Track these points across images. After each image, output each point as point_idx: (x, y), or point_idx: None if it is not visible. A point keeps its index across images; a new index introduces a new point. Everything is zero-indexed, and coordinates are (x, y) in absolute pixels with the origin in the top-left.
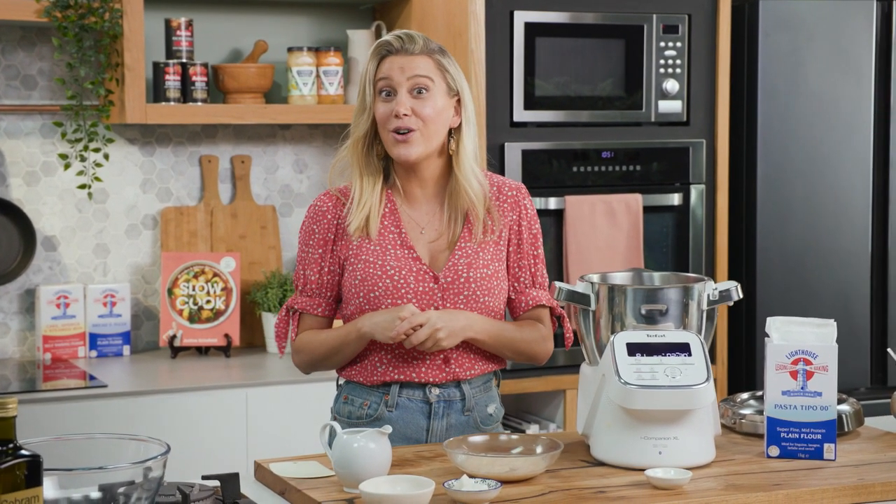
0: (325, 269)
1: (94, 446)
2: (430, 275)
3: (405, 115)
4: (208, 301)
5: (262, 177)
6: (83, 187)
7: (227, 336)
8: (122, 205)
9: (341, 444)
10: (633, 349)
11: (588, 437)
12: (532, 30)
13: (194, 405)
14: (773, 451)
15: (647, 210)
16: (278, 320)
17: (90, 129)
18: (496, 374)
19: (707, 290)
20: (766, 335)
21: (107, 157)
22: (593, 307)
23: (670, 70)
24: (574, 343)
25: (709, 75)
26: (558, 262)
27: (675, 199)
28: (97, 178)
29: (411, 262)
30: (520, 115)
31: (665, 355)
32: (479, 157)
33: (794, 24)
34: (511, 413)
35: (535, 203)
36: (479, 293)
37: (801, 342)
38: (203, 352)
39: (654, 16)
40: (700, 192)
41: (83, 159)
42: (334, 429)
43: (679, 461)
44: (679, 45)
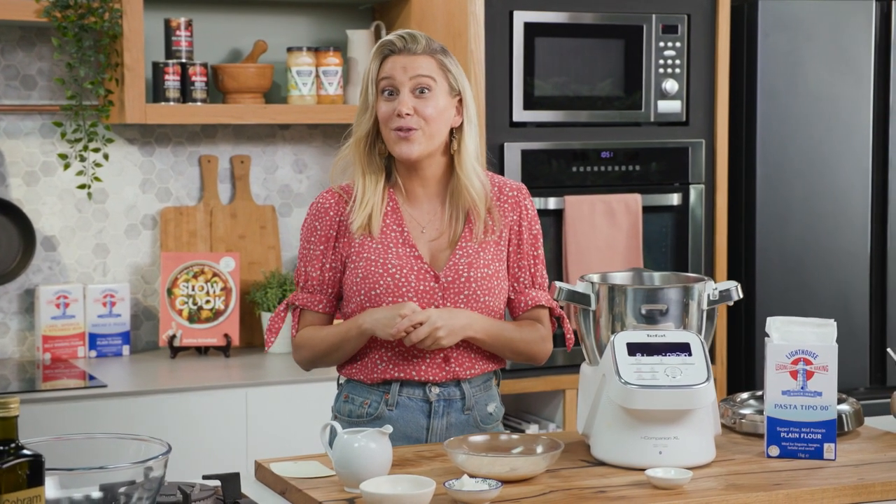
0: (327, 266)
1: (95, 446)
2: (431, 274)
3: (407, 114)
4: (208, 301)
5: (261, 177)
6: (83, 187)
7: (226, 336)
8: (121, 205)
9: (342, 443)
10: (634, 349)
11: (588, 436)
12: (531, 30)
13: (194, 405)
14: (774, 450)
15: (646, 210)
16: (274, 314)
17: (90, 129)
18: (496, 374)
19: (707, 289)
20: (766, 335)
21: (106, 157)
22: (593, 307)
23: (670, 70)
24: (574, 343)
25: (708, 75)
26: (558, 262)
27: (675, 199)
28: (97, 178)
29: (413, 261)
30: (519, 115)
31: (665, 355)
32: (480, 156)
33: (793, 25)
34: (510, 413)
35: (535, 203)
36: (479, 293)
37: (802, 342)
38: (202, 352)
39: (653, 16)
40: (699, 192)
41: (83, 159)
42: (335, 429)
43: (679, 461)
44: (678, 45)
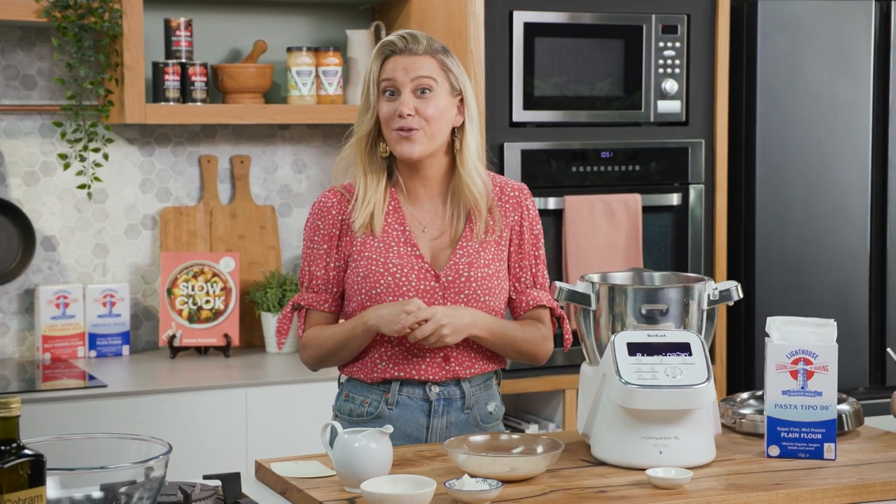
0: (332, 265)
1: (96, 446)
2: (432, 273)
3: (409, 114)
4: (207, 301)
5: (261, 177)
6: (82, 187)
7: (226, 336)
8: (121, 205)
9: (342, 443)
10: (634, 349)
11: (588, 436)
12: (531, 30)
13: (194, 405)
14: (774, 450)
15: (646, 210)
16: (281, 316)
17: (90, 129)
18: (497, 374)
19: (707, 289)
20: (767, 335)
21: (106, 157)
22: (594, 307)
23: (669, 70)
24: (573, 344)
25: (708, 75)
26: (557, 262)
27: (674, 199)
28: (96, 178)
29: (413, 260)
30: (519, 115)
31: (665, 355)
32: (481, 155)
33: (792, 25)
34: (510, 413)
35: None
36: (479, 292)
37: (802, 342)
38: (202, 352)
39: (653, 16)
40: (699, 192)
41: (83, 159)
42: (335, 429)
43: (679, 461)
44: (678, 45)
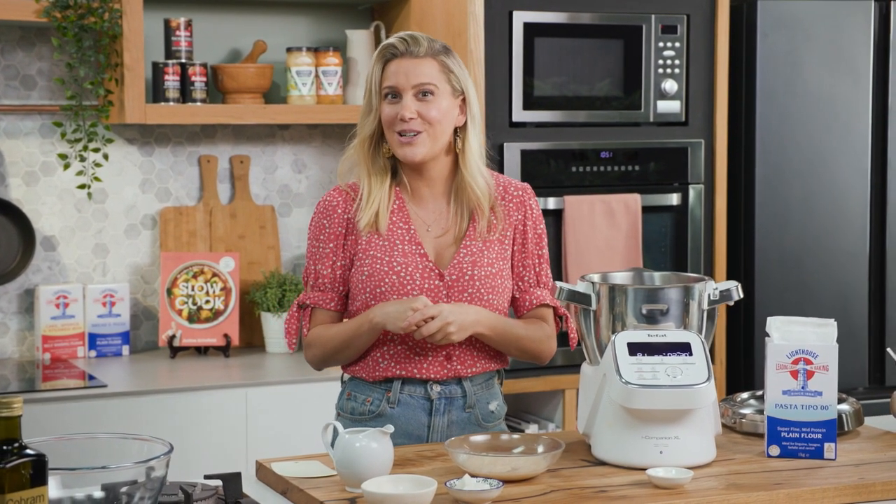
0: (338, 264)
1: (97, 446)
2: (436, 272)
3: (411, 118)
4: (207, 301)
5: (261, 177)
6: (82, 187)
7: (226, 336)
8: (121, 205)
9: (343, 443)
10: (634, 349)
11: (589, 436)
12: (531, 30)
13: (194, 405)
14: (774, 450)
15: (645, 210)
16: (289, 316)
17: (89, 129)
18: (499, 373)
19: (708, 289)
20: (767, 335)
21: (106, 157)
22: (594, 307)
23: (669, 70)
24: (577, 343)
25: (707, 75)
26: (557, 262)
27: (674, 199)
28: (96, 178)
29: (418, 259)
30: (518, 115)
31: (666, 355)
32: (484, 154)
33: (792, 25)
34: (510, 413)
35: None
36: (483, 291)
37: (802, 342)
38: (202, 352)
39: (652, 16)
40: (698, 192)
41: (82, 159)
42: (336, 428)
43: (680, 460)
44: (677, 45)
